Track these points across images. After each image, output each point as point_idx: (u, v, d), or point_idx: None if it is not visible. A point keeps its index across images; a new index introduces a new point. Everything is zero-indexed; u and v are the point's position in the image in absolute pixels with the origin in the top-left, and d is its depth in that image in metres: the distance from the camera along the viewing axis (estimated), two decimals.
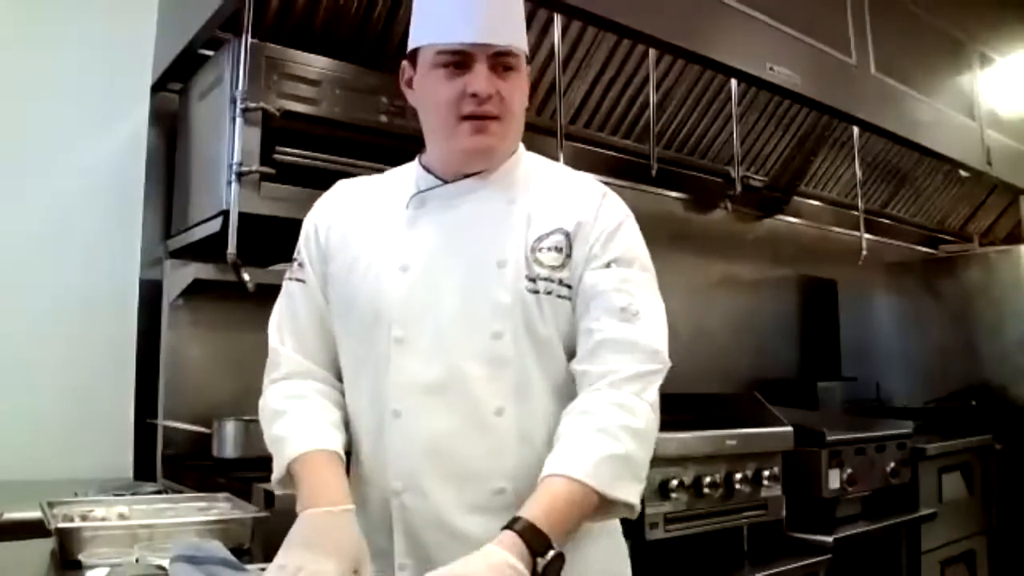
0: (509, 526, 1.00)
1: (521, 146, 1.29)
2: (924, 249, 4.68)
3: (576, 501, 1.04)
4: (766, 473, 2.23)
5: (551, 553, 0.99)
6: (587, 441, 1.08)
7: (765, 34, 2.55)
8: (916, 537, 2.81)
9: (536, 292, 1.16)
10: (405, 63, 1.26)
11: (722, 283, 3.62)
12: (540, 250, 1.18)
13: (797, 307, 4.01)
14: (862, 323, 3.98)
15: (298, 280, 1.28)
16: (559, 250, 1.18)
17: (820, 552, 2.29)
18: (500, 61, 1.17)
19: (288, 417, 1.19)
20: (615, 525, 1.27)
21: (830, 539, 2.33)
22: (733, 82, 2.97)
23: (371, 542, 1.17)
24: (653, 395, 1.14)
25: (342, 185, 1.34)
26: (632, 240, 1.22)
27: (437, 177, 1.25)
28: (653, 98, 2.84)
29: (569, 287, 1.18)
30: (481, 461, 1.14)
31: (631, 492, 1.08)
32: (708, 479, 2.09)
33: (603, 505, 1.07)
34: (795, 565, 2.20)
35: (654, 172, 2.93)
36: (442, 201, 1.23)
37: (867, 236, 3.74)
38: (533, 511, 1.02)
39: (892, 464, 2.71)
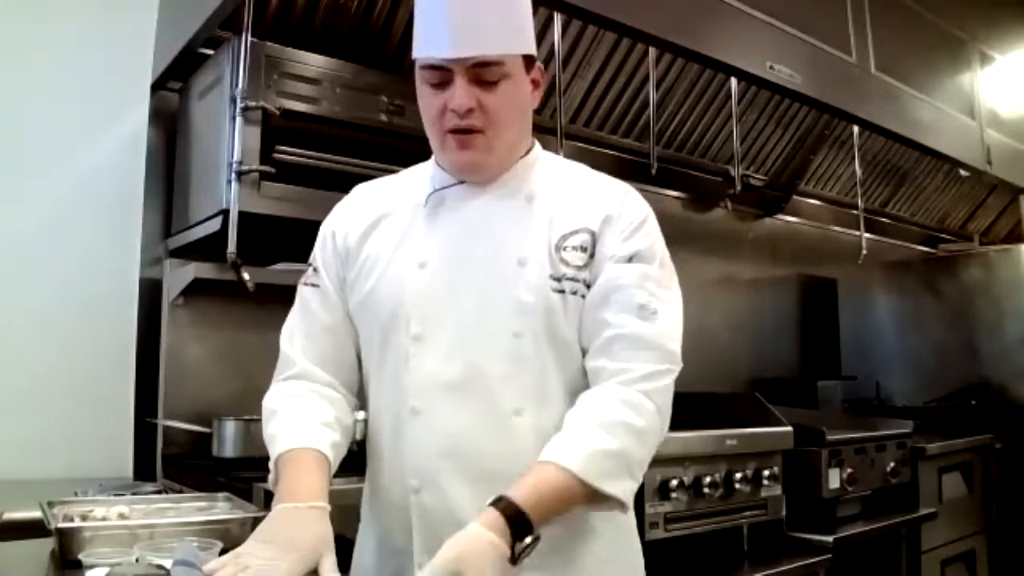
0: (495, 504, 1.01)
1: (537, 145, 1.30)
2: (924, 248, 4.67)
3: (562, 490, 1.05)
4: (766, 473, 2.23)
5: (529, 538, 1.00)
6: (584, 433, 1.09)
7: (765, 33, 2.55)
8: (916, 537, 2.80)
9: (561, 292, 1.16)
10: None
11: (722, 282, 3.62)
12: (565, 249, 1.18)
13: (797, 306, 4.01)
14: (862, 322, 3.98)
15: (312, 285, 1.28)
16: (583, 249, 1.17)
17: (820, 552, 2.28)
18: (481, 73, 1.14)
19: (279, 416, 1.20)
20: (628, 522, 1.26)
21: (830, 539, 2.32)
22: (733, 81, 2.97)
23: (389, 540, 1.19)
24: (662, 396, 1.14)
25: (359, 189, 1.35)
26: (653, 236, 1.23)
27: (453, 176, 1.25)
28: (653, 97, 2.84)
29: (589, 287, 1.17)
30: (498, 462, 1.12)
31: (620, 488, 1.08)
32: (708, 479, 2.08)
33: (593, 497, 1.07)
34: (795, 565, 2.19)
35: (654, 171, 2.93)
36: (460, 199, 1.23)
37: (867, 235, 3.74)
38: (521, 493, 1.02)
39: (892, 464, 2.71)
